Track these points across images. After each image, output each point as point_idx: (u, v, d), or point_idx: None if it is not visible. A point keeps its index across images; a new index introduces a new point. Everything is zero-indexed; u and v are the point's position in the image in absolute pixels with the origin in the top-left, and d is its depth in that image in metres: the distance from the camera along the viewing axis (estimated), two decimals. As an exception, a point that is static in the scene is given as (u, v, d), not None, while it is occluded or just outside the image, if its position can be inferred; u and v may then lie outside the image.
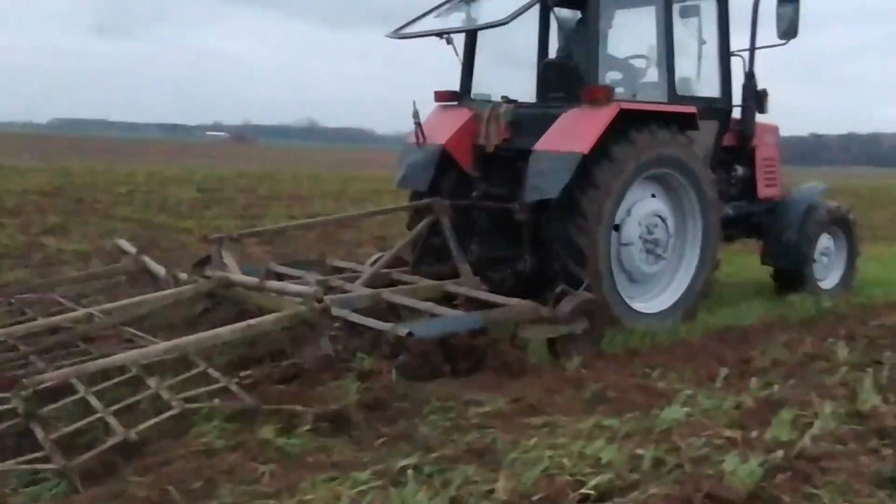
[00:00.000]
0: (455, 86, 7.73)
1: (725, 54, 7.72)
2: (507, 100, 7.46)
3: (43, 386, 4.18)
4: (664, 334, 6.67)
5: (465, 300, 6.09)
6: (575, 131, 6.46)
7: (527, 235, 6.78)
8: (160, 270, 6.46)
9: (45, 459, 3.66)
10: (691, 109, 7.07)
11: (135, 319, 5.58)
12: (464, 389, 4.90)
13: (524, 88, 7.76)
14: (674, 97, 7.14)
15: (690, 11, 7.57)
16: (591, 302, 5.95)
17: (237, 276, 6.05)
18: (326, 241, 11.37)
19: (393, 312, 5.89)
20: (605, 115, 6.41)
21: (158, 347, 4.74)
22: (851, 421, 4.59)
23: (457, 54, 7.55)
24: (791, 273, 8.29)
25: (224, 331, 4.98)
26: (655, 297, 7.18)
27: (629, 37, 7.52)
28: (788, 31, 7.60)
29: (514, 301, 5.80)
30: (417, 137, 7.26)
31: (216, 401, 4.34)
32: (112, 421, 3.98)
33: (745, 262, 10.05)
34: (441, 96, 7.66)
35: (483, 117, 7.20)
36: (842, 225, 8.64)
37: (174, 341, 4.81)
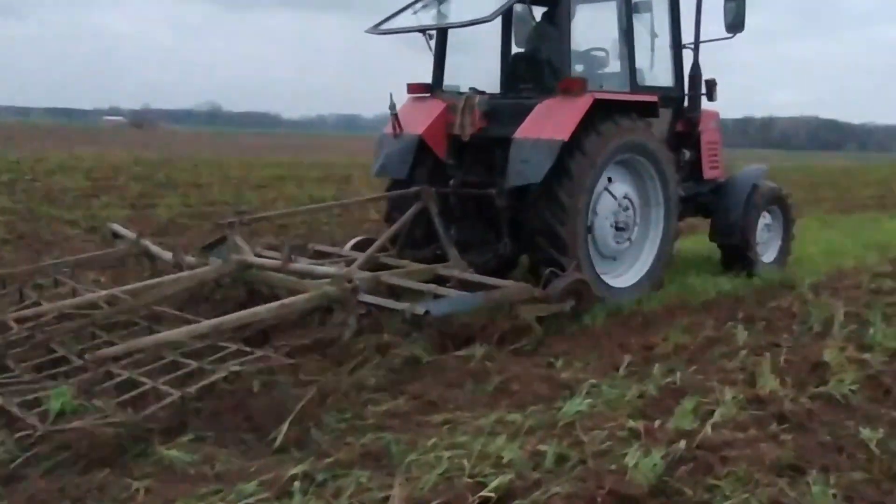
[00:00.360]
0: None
1: (677, 47, 8.23)
2: (475, 91, 7.76)
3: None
4: (570, 323, 6.55)
5: (458, 282, 6.34)
6: (553, 120, 6.82)
7: (506, 220, 7.22)
8: (164, 254, 6.73)
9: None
10: (653, 98, 7.54)
11: (161, 300, 5.66)
12: (362, 388, 4.73)
13: (489, 80, 8.17)
14: (635, 87, 7.58)
15: (644, 7, 7.99)
16: (580, 282, 6.46)
17: (257, 258, 6.41)
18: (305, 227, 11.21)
19: (392, 294, 6.16)
20: (581, 105, 6.81)
21: (205, 325, 4.98)
22: (751, 407, 4.60)
23: (430, 49, 7.87)
24: (736, 249, 8.79)
25: (261, 309, 5.23)
26: (626, 272, 7.64)
27: (590, 31, 7.87)
28: (734, 25, 8.06)
29: (509, 283, 6.26)
30: (394, 128, 7.55)
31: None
32: (163, 387, 4.19)
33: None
34: (414, 88, 8.00)
35: (458, 108, 7.51)
36: (780, 204, 9.21)
37: (218, 319, 5.06)
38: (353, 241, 7.87)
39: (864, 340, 5.97)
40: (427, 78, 8.12)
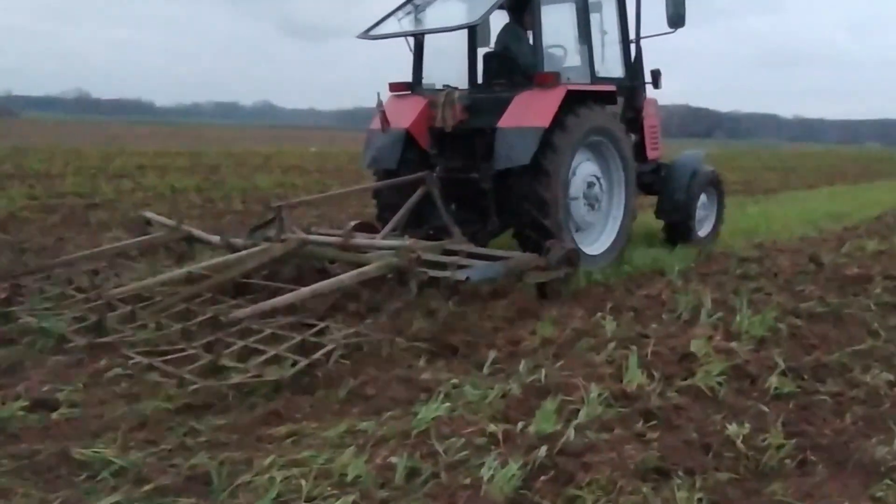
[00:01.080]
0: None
1: (625, 42, 9.20)
2: (448, 87, 8.61)
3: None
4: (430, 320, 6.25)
5: (466, 255, 6.95)
6: (533, 109, 7.69)
7: (492, 199, 8.11)
8: (212, 237, 7.29)
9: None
10: (612, 88, 8.56)
11: (246, 273, 6.32)
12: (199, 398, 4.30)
13: (459, 77, 9.04)
14: (594, 79, 8.52)
15: (596, 7, 8.88)
16: (573, 251, 7.23)
17: (317, 236, 7.19)
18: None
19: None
20: (557, 96, 7.69)
21: (306, 290, 5.65)
22: (618, 404, 4.42)
23: (410, 50, 8.71)
24: (679, 225, 9.81)
25: (344, 277, 5.93)
26: (595, 241, 8.55)
27: (551, 29, 8.41)
28: (675, 20, 8.90)
29: (517, 253, 7.20)
30: (382, 123, 8.27)
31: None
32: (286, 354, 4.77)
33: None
34: (395, 87, 8.83)
35: (438, 103, 8.31)
36: (715, 185, 10.32)
37: (314, 286, 5.72)
38: (352, 224, 8.43)
39: (731, 328, 5.88)
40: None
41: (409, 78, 8.87)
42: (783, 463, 3.78)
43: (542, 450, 3.66)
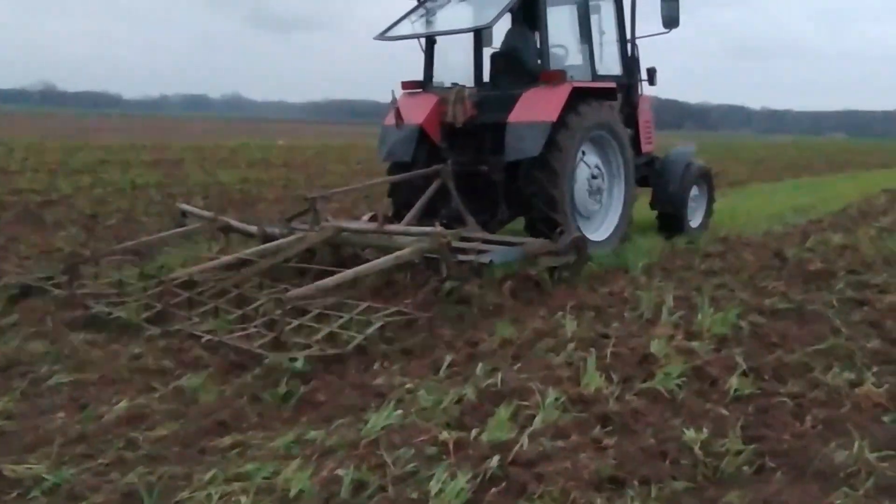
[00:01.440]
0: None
1: (623, 41, 9.69)
2: (457, 85, 9.07)
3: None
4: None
5: (482, 241, 7.40)
6: (540, 105, 8.17)
7: (502, 190, 8.62)
8: (249, 227, 7.77)
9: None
10: (612, 85, 9.12)
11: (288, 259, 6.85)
12: (145, 405, 4.14)
13: (465, 76, 9.54)
14: (595, 76, 9.08)
15: (595, 9, 9.40)
16: (580, 238, 7.65)
17: (354, 224, 7.86)
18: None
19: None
20: (563, 92, 8.19)
21: (350, 272, 6.10)
22: (575, 408, 4.32)
23: (422, 49, 9.24)
24: (672, 216, 10.29)
25: (381, 261, 6.39)
26: (598, 228, 9.02)
27: (555, 29, 8.86)
28: (670, 21, 9.40)
29: (530, 239, 7.60)
30: (396, 119, 8.76)
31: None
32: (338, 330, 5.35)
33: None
34: (407, 85, 9.33)
35: (449, 100, 8.80)
36: (706, 178, 10.80)
37: (357, 268, 6.22)
38: (366, 216, 8.93)
39: (693, 327, 5.81)
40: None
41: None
42: (741, 470, 3.69)
43: (495, 459, 3.55)
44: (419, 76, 9.43)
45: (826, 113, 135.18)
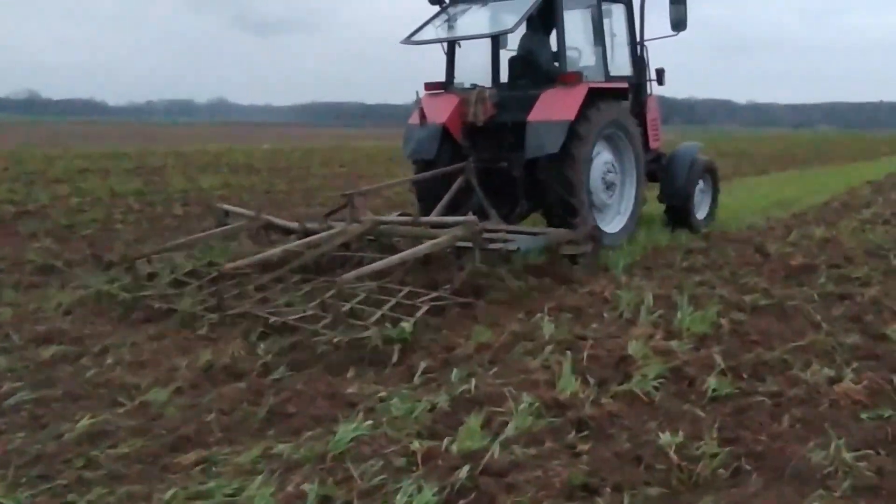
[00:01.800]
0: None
1: (633, 43, 10.13)
2: (476, 86, 9.59)
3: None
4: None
5: (506, 232, 7.73)
6: (559, 105, 8.61)
7: (522, 185, 9.10)
8: (291, 224, 8.24)
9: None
10: (625, 85, 9.66)
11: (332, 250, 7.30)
12: (108, 422, 4.04)
13: (482, 77, 10.00)
14: (608, 77, 9.48)
15: (607, 13, 9.80)
16: (596, 228, 8.39)
17: (390, 217, 8.38)
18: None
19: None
20: (580, 92, 8.64)
21: (395, 258, 6.64)
22: (549, 413, 4.27)
23: (444, 52, 9.74)
24: (680, 209, 10.69)
25: (420, 248, 6.81)
26: (611, 221, 9.46)
27: (570, 32, 9.26)
28: (677, 24, 9.85)
29: (552, 229, 8.22)
30: (421, 118, 9.26)
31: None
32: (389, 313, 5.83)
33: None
34: (430, 86, 9.80)
35: (471, 100, 9.26)
36: (710, 173, 11.26)
37: (400, 254, 6.75)
38: (395, 214, 9.06)
39: (672, 326, 5.76)
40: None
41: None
42: (716, 473, 3.62)
43: (464, 470, 3.49)
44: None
45: (812, 105, 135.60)
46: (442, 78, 9.87)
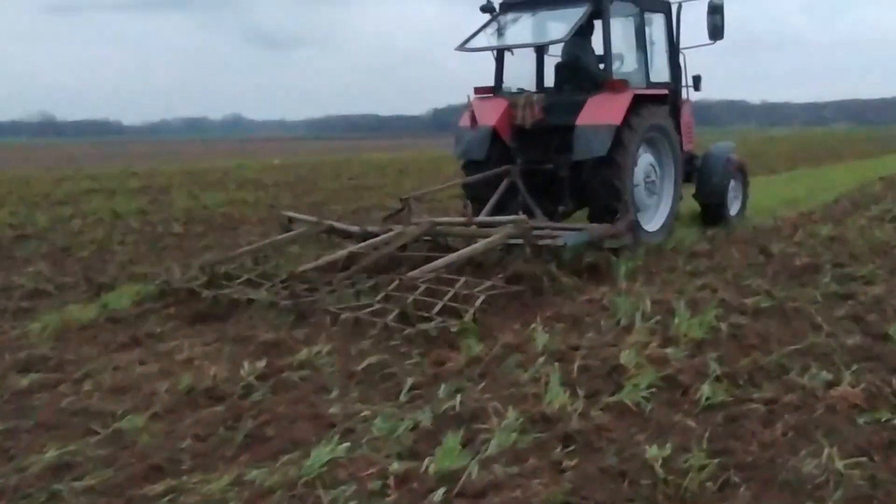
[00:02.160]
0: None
1: (672, 51, 10.63)
2: (523, 91, 10.14)
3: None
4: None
5: (552, 230, 8.24)
6: (606, 110, 9.05)
7: (567, 186, 9.53)
8: (352, 228, 8.87)
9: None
10: (666, 92, 10.17)
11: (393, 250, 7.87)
12: (77, 452, 3.93)
13: (528, 82, 10.56)
14: (649, 83, 10.02)
15: (648, 21, 10.32)
16: (634, 222, 8.78)
17: (445, 218, 9.10)
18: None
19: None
20: (626, 99, 9.08)
21: (454, 255, 7.29)
22: (535, 428, 4.16)
23: (494, 58, 10.23)
24: (714, 206, 11.19)
25: (478, 246, 7.43)
26: (650, 220, 9.86)
27: (614, 40, 9.69)
28: (715, 33, 10.22)
29: (594, 224, 8.63)
30: (472, 121, 9.71)
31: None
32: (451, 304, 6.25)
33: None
34: (480, 91, 10.29)
35: (519, 104, 9.75)
36: (742, 171, 11.78)
37: (459, 252, 7.40)
38: (446, 218, 9.51)
39: (670, 333, 5.67)
40: None
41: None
42: (704, 487, 3.50)
43: (440, 493, 3.37)
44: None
45: (826, 103, 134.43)
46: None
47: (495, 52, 10.16)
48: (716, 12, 10.23)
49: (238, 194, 17.65)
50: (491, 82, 10.35)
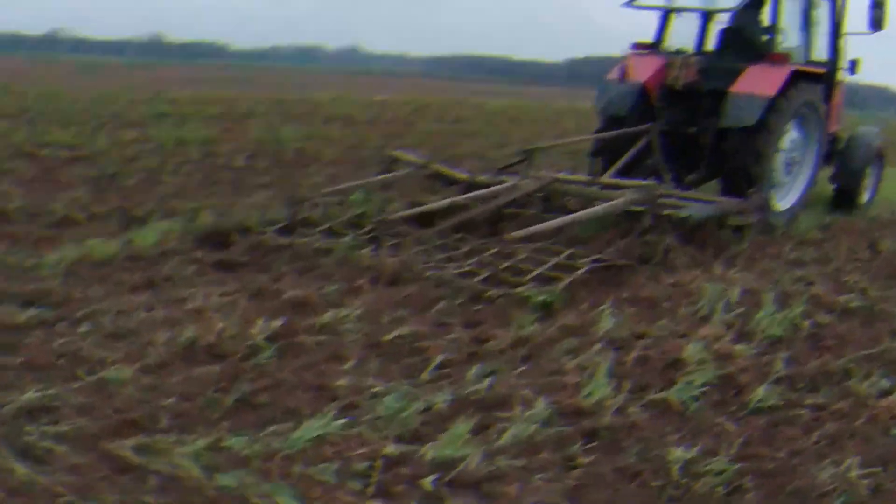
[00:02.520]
0: None
1: (834, 34, 11.17)
2: (679, 51, 10.84)
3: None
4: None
5: (678, 198, 8.42)
6: (763, 80, 9.60)
7: (707, 153, 9.99)
8: (461, 174, 9.06)
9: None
10: (823, 70, 10.64)
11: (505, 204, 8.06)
12: (55, 397, 4.16)
13: (687, 41, 11.19)
14: (808, 60, 10.64)
15: (817, 3, 10.89)
16: (763, 199, 8.91)
17: (566, 175, 9.27)
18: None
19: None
20: (785, 72, 9.66)
21: (568, 217, 7.33)
22: (562, 421, 4.25)
23: (658, 16, 10.87)
24: (849, 191, 11.54)
25: (598, 209, 7.57)
26: (783, 198, 10.24)
27: (784, 15, 10.53)
28: (877, 23, 10.91)
29: (723, 198, 8.87)
30: (622, 75, 10.40)
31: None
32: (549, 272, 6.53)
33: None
34: (639, 46, 10.96)
35: (675, 63, 10.39)
36: (880, 158, 12.16)
37: (573, 215, 7.43)
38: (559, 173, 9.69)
39: (747, 327, 5.74)
40: None
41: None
42: (713, 491, 3.68)
43: (429, 480, 3.48)
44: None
45: None
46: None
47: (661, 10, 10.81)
48: (879, 6, 10.91)
49: (321, 130, 17.91)
50: (642, 39, 10.95)
